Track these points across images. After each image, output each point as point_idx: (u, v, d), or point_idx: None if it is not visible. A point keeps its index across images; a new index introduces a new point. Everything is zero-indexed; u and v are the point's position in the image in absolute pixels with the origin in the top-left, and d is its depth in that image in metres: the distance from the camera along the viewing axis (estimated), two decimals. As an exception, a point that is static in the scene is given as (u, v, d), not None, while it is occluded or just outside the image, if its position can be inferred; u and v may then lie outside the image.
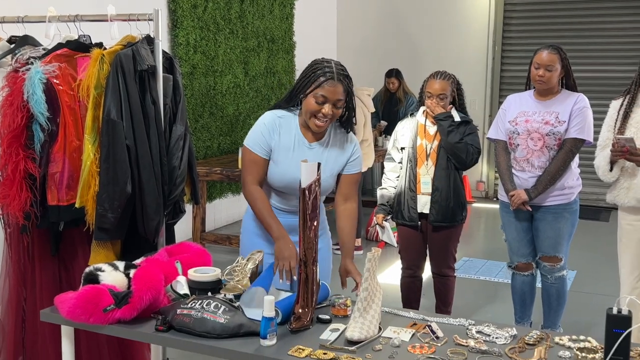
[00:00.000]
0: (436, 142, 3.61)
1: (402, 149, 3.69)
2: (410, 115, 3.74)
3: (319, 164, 2.13)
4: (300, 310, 2.08)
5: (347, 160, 2.56)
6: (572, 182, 3.53)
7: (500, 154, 3.61)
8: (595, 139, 3.40)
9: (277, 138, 2.49)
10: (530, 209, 3.50)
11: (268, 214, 2.48)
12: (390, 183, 3.74)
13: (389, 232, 3.71)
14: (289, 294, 2.33)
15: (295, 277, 2.36)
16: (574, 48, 7.71)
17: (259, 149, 2.49)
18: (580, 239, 4.81)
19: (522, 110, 3.52)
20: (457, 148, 3.53)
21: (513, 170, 3.56)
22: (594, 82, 7.77)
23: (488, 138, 3.74)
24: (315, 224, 2.11)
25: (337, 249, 6.35)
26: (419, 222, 3.65)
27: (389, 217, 3.71)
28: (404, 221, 3.68)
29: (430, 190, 3.60)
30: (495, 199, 8.40)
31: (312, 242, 2.10)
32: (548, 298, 3.67)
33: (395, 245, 3.73)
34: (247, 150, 2.52)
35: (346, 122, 2.53)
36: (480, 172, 8.57)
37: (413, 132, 3.66)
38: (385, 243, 6.00)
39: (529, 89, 3.60)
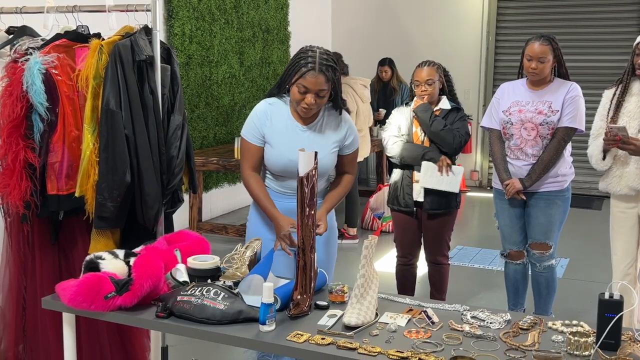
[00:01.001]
0: None
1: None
2: (406, 104, 3.77)
3: (315, 153, 2.16)
4: (299, 297, 2.11)
5: (342, 139, 2.62)
6: (565, 170, 3.55)
7: (495, 143, 3.63)
8: (588, 128, 3.43)
9: (269, 124, 2.57)
10: (525, 198, 3.53)
11: (264, 197, 2.59)
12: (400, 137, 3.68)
13: (457, 177, 3.57)
14: (287, 280, 2.35)
15: (291, 255, 2.45)
16: (568, 37, 7.73)
17: (252, 137, 2.59)
18: (573, 228, 4.86)
19: (516, 100, 3.54)
20: (442, 135, 3.57)
21: (507, 159, 3.58)
22: (587, 71, 7.79)
23: (482, 127, 3.77)
24: (312, 212, 2.13)
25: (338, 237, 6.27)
26: (414, 209, 3.68)
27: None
28: (400, 207, 3.71)
29: None
30: (489, 188, 8.44)
31: (310, 230, 2.13)
32: (538, 287, 3.70)
33: (458, 190, 3.61)
34: (243, 138, 2.63)
35: (335, 104, 2.59)
36: (474, 162, 8.61)
37: (408, 120, 3.69)
38: (381, 231, 6.10)
39: (521, 77, 3.61)
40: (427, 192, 3.62)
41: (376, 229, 6.21)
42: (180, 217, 5.68)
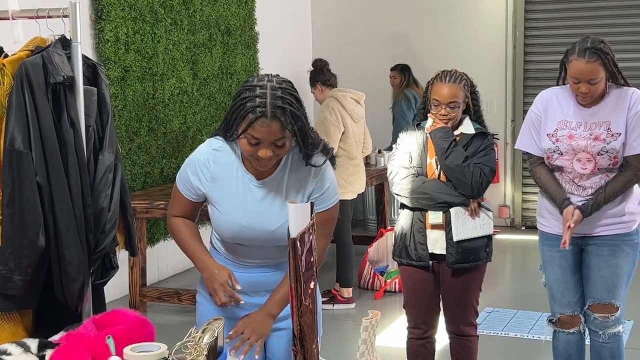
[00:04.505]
0: None
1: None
2: (417, 125, 3.74)
3: (312, 204, 2.11)
4: None
5: (310, 193, 2.55)
6: (634, 207, 3.53)
7: (539, 169, 3.57)
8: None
9: (208, 178, 2.54)
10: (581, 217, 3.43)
11: (193, 242, 2.59)
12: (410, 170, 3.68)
13: (489, 214, 3.69)
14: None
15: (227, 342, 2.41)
16: (619, 31, 7.83)
17: (184, 188, 2.59)
18: (636, 279, 4.79)
19: (563, 120, 3.49)
20: (458, 171, 3.57)
21: None
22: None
23: (518, 149, 3.73)
24: (311, 285, 2.07)
25: (325, 300, 6.23)
26: (430, 262, 3.65)
27: None
28: (410, 261, 3.68)
29: (441, 222, 3.62)
30: (523, 228, 8.44)
31: (310, 312, 2.06)
32: (599, 363, 3.66)
33: (492, 230, 3.69)
34: (175, 183, 2.63)
35: (304, 148, 2.50)
36: (504, 194, 8.62)
37: (421, 147, 3.66)
38: (385, 291, 6.05)
39: (563, 84, 3.59)
40: (449, 240, 3.61)
41: (378, 288, 6.16)
42: (118, 282, 5.59)
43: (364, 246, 6.54)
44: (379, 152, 7.24)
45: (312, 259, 2.10)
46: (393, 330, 5.16)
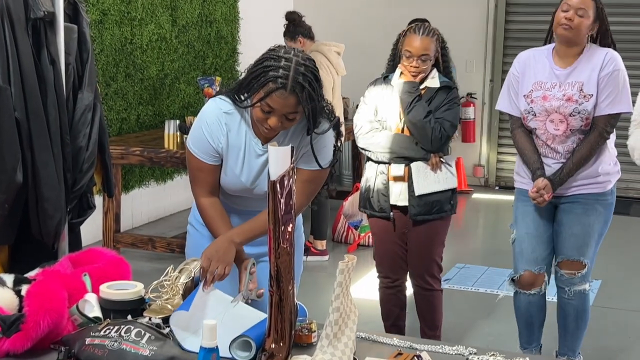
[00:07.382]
0: None
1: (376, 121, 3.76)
2: (384, 78, 3.77)
3: (292, 148, 2.14)
4: (273, 346, 2.07)
5: (305, 152, 2.59)
6: (608, 167, 3.56)
7: (518, 134, 3.60)
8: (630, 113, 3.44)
9: (224, 140, 2.58)
10: (550, 196, 3.49)
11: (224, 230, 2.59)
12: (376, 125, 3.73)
13: (452, 168, 3.75)
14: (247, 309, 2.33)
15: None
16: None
17: (205, 155, 2.60)
18: (607, 240, 4.84)
19: (538, 81, 3.51)
20: (419, 126, 3.62)
21: None
22: (628, 37, 7.86)
23: (499, 110, 3.76)
24: (289, 228, 2.10)
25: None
26: (391, 213, 3.74)
27: None
28: (373, 212, 3.79)
29: (402, 174, 3.69)
30: (497, 188, 8.52)
31: (287, 254, 2.09)
32: (564, 318, 3.72)
33: (456, 183, 3.77)
34: (191, 155, 2.61)
35: (310, 124, 2.54)
36: (479, 154, 8.66)
37: (387, 100, 3.70)
38: (358, 245, 6.11)
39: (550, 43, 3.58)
40: (411, 192, 3.69)
41: (352, 242, 6.22)
42: (91, 227, 5.59)
43: (339, 201, 6.59)
44: (357, 107, 7.22)
45: (290, 202, 2.12)
46: (365, 283, 5.22)
